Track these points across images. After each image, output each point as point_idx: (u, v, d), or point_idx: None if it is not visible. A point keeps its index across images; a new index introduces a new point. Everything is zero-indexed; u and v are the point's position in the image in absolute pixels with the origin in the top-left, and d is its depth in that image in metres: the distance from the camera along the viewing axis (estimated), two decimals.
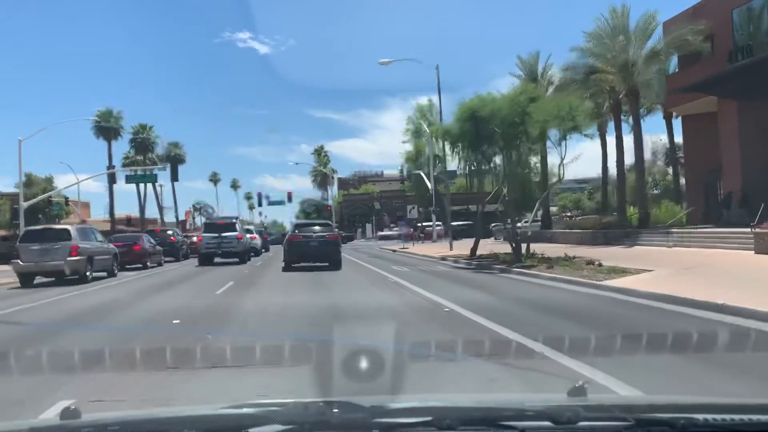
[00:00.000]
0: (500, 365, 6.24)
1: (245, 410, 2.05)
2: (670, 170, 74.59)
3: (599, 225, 33.26)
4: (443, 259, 27.17)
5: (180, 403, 4.97)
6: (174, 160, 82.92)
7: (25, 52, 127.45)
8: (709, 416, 1.79)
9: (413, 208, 42.31)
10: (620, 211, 36.99)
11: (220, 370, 6.31)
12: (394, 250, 38.97)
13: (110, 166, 44.61)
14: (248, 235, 33.12)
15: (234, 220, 28.64)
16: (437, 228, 51.53)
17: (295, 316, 10.19)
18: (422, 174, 56.99)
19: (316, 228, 22.69)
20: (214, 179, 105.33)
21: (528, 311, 10.72)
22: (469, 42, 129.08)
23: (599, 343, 6.92)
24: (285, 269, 22.02)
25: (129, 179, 45.41)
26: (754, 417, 1.83)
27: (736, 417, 1.82)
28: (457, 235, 58.65)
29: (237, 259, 27.54)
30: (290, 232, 23.13)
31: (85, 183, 73.04)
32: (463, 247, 33.42)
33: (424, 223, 50.82)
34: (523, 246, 22.67)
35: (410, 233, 42.69)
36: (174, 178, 45.72)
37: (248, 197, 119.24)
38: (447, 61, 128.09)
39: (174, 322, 9.94)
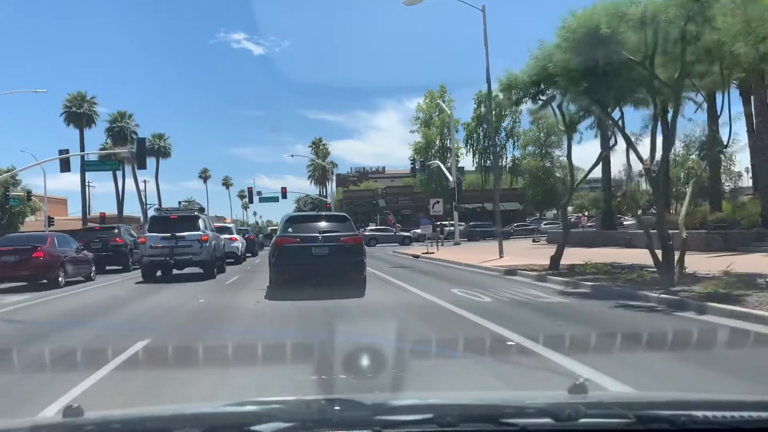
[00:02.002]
0: None
1: (247, 408, 1.94)
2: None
3: (705, 223, 23.49)
4: (510, 272, 17.41)
5: None
6: (158, 153, 73.15)
7: (20, 49, 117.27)
8: (709, 413, 1.71)
9: (437, 202, 32.51)
10: (716, 207, 27.36)
11: None
12: (416, 256, 29.12)
13: (62, 151, 34.75)
14: (224, 236, 23.15)
15: (195, 213, 18.54)
16: (449, 228, 41.82)
17: None
18: (441, 165, 47.27)
19: (323, 224, 12.74)
20: (204, 175, 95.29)
21: None
22: (470, 40, 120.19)
23: None
24: (269, 295, 12.20)
25: (88, 166, 35.33)
26: (754, 414, 1.75)
27: (736, 414, 1.73)
28: (472, 236, 48.92)
29: (202, 271, 17.68)
30: (280, 231, 13.13)
31: (67, 180, 63.93)
32: (508, 252, 23.56)
33: (443, 222, 40.78)
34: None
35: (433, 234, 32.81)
36: (141, 165, 35.65)
37: (241, 196, 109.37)
38: (446, 61, 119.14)
39: None
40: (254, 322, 8.94)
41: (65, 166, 36.35)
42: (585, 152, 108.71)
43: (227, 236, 24.56)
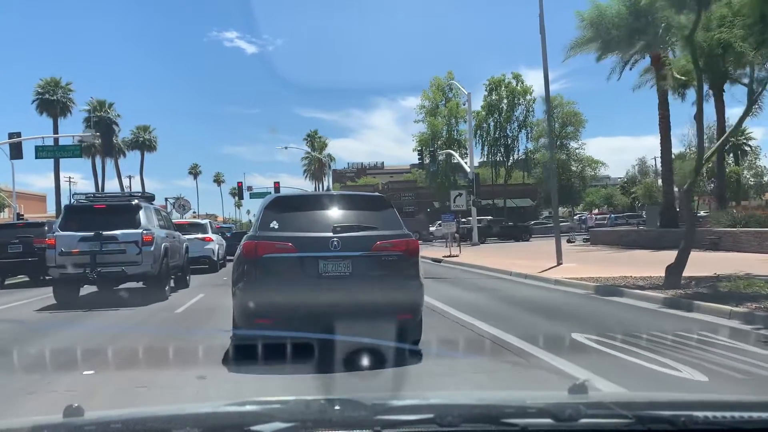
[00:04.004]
0: None
1: (247, 408, 1.85)
2: (732, 158, 59.13)
3: None
4: (608, 291, 11.39)
5: None
6: (143, 146, 66.56)
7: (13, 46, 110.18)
8: (710, 414, 1.63)
9: (459, 195, 26.31)
10: None
11: None
12: (437, 260, 22.99)
13: (13, 134, 28.21)
14: (191, 236, 16.91)
15: (135, 202, 11.76)
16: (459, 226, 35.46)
17: None
18: (455, 154, 40.99)
19: (340, 213, 6.07)
20: (194, 171, 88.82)
21: None
22: (463, 40, 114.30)
23: None
24: (233, 359, 5.97)
25: (40, 152, 28.87)
26: (754, 414, 1.68)
27: (736, 414, 1.65)
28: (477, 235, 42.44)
29: (156, 287, 11.40)
30: (256, 226, 6.27)
31: (49, 177, 57.23)
32: (547, 256, 17.33)
33: (463, 219, 34.45)
34: None
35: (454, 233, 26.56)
36: (108, 152, 29.70)
37: (233, 194, 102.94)
38: (442, 60, 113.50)
39: None
40: None
41: (16, 152, 29.93)
42: (614, 143, 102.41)
43: (199, 236, 18.31)
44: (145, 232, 10.98)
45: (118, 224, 10.94)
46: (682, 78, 11.92)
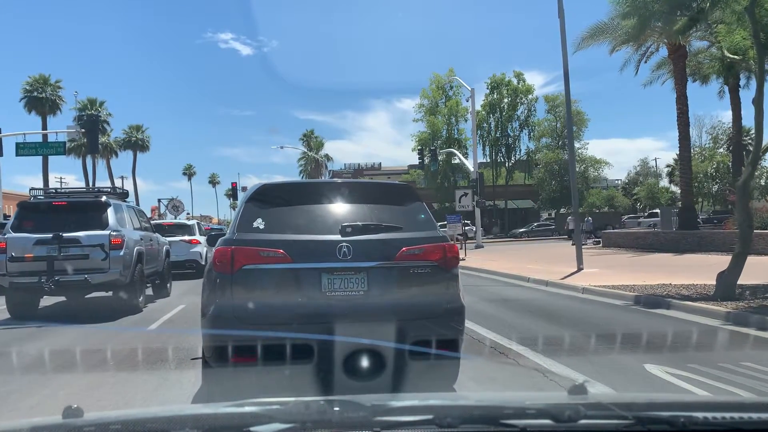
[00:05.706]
0: None
1: (247, 409, 1.78)
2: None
3: None
4: (651, 302, 9.93)
5: None
6: (135, 146, 64.88)
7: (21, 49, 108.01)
8: (709, 414, 1.59)
9: (464, 194, 24.70)
10: None
11: None
12: None
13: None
14: (177, 237, 15.25)
15: (103, 199, 9.90)
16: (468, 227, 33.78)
17: None
18: (457, 153, 39.37)
19: (350, 208, 4.33)
20: (189, 172, 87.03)
21: None
22: (458, 43, 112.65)
23: None
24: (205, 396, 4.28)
25: (21, 149, 27.08)
26: (754, 415, 1.63)
27: (736, 415, 1.60)
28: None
29: (126, 298, 9.69)
30: (234, 225, 4.48)
31: (41, 178, 55.46)
32: (560, 260, 15.74)
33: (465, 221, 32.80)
34: None
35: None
36: (93, 149, 27.89)
37: (229, 195, 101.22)
38: (438, 62, 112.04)
39: None
40: None
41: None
42: (609, 146, 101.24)
43: (185, 238, 16.60)
44: (113, 233, 9.29)
45: (81, 225, 9.26)
46: (735, 57, 10.30)
